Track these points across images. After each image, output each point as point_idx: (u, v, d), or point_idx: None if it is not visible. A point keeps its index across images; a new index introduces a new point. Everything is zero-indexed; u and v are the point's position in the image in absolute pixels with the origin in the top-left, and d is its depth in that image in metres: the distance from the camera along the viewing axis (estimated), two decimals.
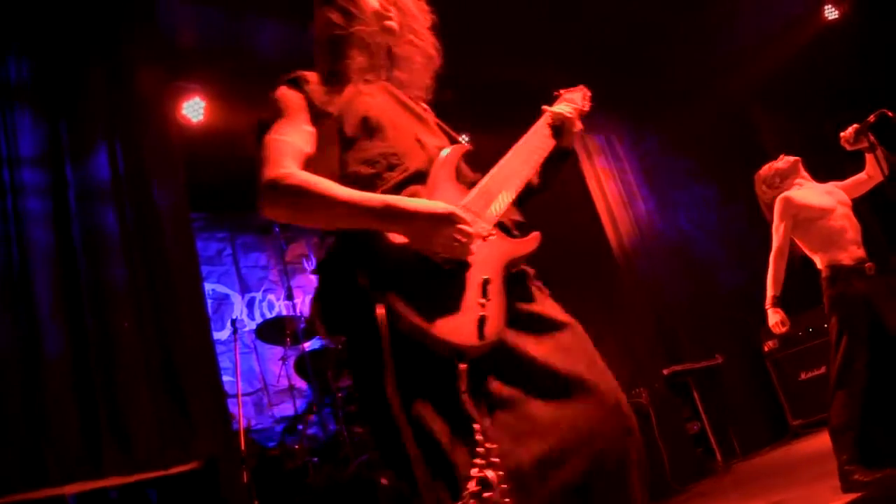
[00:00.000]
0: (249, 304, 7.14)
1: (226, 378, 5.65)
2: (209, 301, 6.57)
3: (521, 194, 2.07)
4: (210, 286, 6.78)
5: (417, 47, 2.21)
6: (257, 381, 6.78)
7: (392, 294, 1.65)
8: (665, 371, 6.71)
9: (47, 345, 4.05)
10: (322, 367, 5.40)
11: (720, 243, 7.97)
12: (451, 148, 1.98)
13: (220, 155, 5.87)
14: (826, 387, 4.17)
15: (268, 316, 7.02)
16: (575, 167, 7.43)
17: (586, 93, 2.49)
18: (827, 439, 4.07)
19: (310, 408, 5.52)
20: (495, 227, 1.88)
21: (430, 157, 1.94)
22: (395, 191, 1.86)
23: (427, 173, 1.91)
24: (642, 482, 1.70)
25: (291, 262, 7.33)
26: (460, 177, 1.98)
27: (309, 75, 2.05)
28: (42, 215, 4.31)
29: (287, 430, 5.64)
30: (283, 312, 6.96)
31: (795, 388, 7.05)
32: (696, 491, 5.85)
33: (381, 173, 1.89)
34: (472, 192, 1.91)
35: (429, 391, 1.67)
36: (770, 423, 7.31)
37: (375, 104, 1.99)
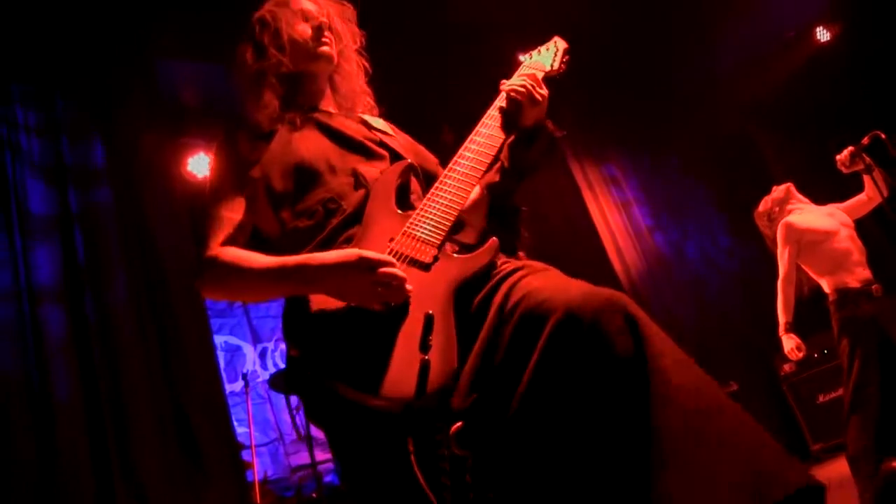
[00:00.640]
0: (262, 355, 7.16)
1: (241, 429, 5.67)
2: (222, 353, 6.63)
3: (490, 199, 1.98)
4: (222, 338, 6.82)
5: (354, 71, 2.17)
6: (273, 432, 6.77)
7: (321, 364, 1.53)
8: None
9: (60, 394, 4.12)
10: None
11: (729, 269, 7.96)
12: (385, 172, 1.88)
13: None
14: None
15: (280, 365, 7.02)
16: (579, 200, 7.46)
17: (561, 45, 2.19)
18: None
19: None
20: (442, 247, 1.72)
21: (367, 190, 1.84)
22: (331, 238, 1.78)
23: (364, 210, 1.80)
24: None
25: None
26: (405, 200, 1.88)
27: (236, 133, 1.99)
28: (52, 270, 4.38)
29: (305, 478, 5.63)
30: None
31: (814, 412, 6.96)
32: None
33: (320, 222, 1.82)
34: (413, 215, 1.77)
35: (382, 461, 1.56)
36: (790, 449, 7.18)
37: (306, 147, 1.91)
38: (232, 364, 6.83)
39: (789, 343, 4.33)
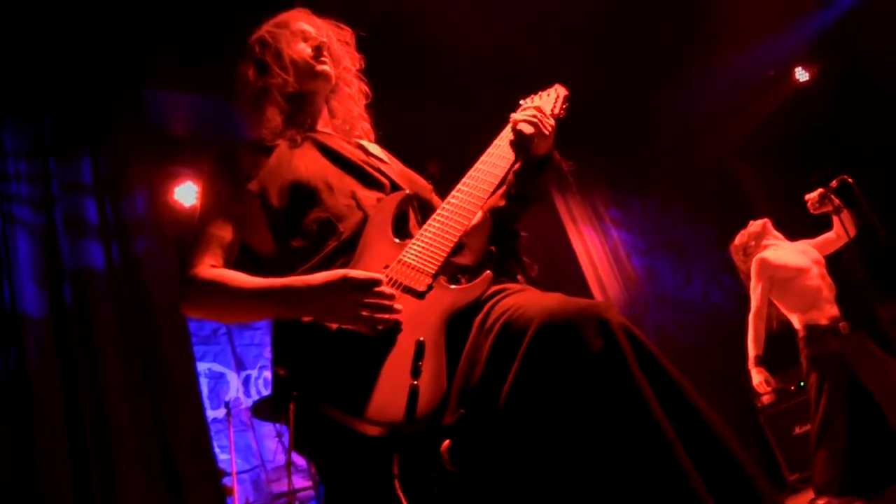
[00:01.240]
0: (245, 382, 7.18)
1: (223, 456, 5.70)
2: (206, 380, 6.66)
3: (492, 223, 2.00)
4: (206, 365, 6.85)
5: (352, 94, 2.18)
6: (255, 458, 6.79)
7: (309, 384, 1.54)
8: None
9: (42, 428, 4.11)
10: None
11: (709, 301, 8.06)
12: (384, 200, 1.89)
13: None
14: None
15: (263, 393, 7.03)
16: (562, 233, 7.55)
17: (562, 92, 2.25)
18: None
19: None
20: (437, 276, 1.73)
21: (366, 216, 1.85)
22: (327, 261, 1.78)
23: (361, 235, 1.80)
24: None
25: None
26: (401, 228, 1.88)
27: (234, 148, 1.99)
28: (37, 300, 4.42)
29: None
30: None
31: (790, 443, 7.03)
32: None
33: (315, 243, 1.82)
34: (410, 244, 1.78)
35: (365, 478, 1.57)
36: (767, 479, 7.29)
37: (305, 166, 1.91)
38: (215, 391, 6.86)
39: (757, 377, 4.43)
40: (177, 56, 5.00)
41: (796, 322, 4.43)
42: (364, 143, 2.17)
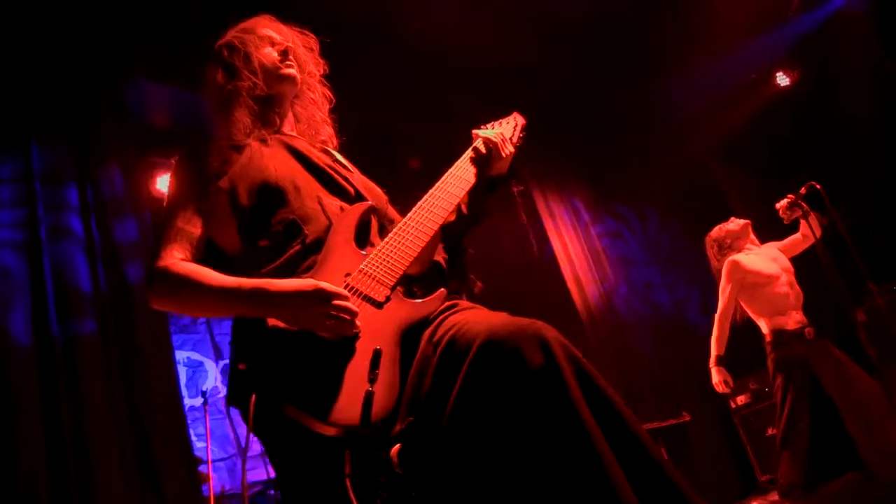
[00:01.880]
0: (224, 371, 7.22)
1: (200, 444, 5.74)
2: (184, 368, 6.70)
3: (442, 237, 2.06)
4: (185, 354, 6.89)
5: (315, 99, 2.24)
6: (231, 447, 6.84)
7: (270, 381, 1.59)
8: None
9: (18, 415, 4.13)
10: None
11: (685, 302, 8.14)
12: (348, 210, 1.94)
13: None
14: None
15: None
16: (541, 232, 7.61)
17: (520, 121, 2.36)
18: None
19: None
20: (395, 288, 1.80)
21: (330, 222, 1.90)
22: (291, 265, 1.83)
23: (325, 241, 1.85)
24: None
25: None
26: (362, 238, 1.92)
27: (205, 144, 2.01)
28: (19, 284, 4.43)
29: (258, 494, 5.70)
30: None
31: (763, 444, 7.12)
32: None
33: (280, 244, 1.87)
34: (371, 254, 1.84)
35: (317, 475, 1.63)
36: (739, 479, 7.40)
37: (275, 166, 1.95)
38: (194, 379, 6.90)
39: (717, 376, 4.52)
40: (157, 50, 5.03)
41: (764, 326, 4.51)
42: (329, 148, 2.22)
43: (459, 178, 2.08)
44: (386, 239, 1.89)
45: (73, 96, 4.89)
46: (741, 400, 7.25)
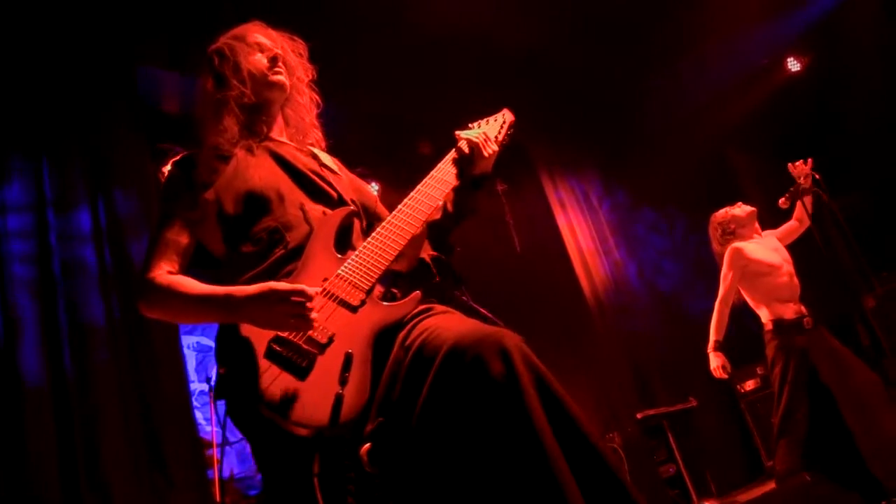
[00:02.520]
0: None
1: (209, 428, 5.82)
2: (193, 353, 6.78)
3: (428, 235, 2.14)
4: (195, 339, 6.95)
5: (304, 104, 2.29)
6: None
7: (245, 384, 1.66)
8: (639, 415, 6.84)
9: (27, 400, 4.22)
10: None
11: (694, 288, 8.13)
12: (329, 215, 1.99)
13: None
14: None
15: None
16: (549, 218, 7.62)
17: (508, 118, 2.38)
18: None
19: None
20: (371, 292, 1.85)
21: (311, 228, 1.96)
22: (273, 271, 1.90)
23: (305, 247, 1.92)
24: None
25: None
26: (345, 241, 1.99)
27: (194, 156, 2.08)
28: (28, 265, 4.52)
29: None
30: None
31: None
32: None
33: (264, 251, 1.93)
34: (349, 259, 1.89)
35: (291, 472, 1.71)
36: (745, 465, 7.42)
37: (259, 175, 2.02)
38: (203, 364, 6.97)
39: (715, 361, 4.54)
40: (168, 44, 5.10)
41: (763, 315, 4.52)
42: (317, 151, 2.27)
43: (440, 180, 2.13)
44: (364, 243, 1.95)
45: (86, 114, 4.94)
46: (749, 386, 7.26)
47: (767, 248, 4.68)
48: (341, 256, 1.93)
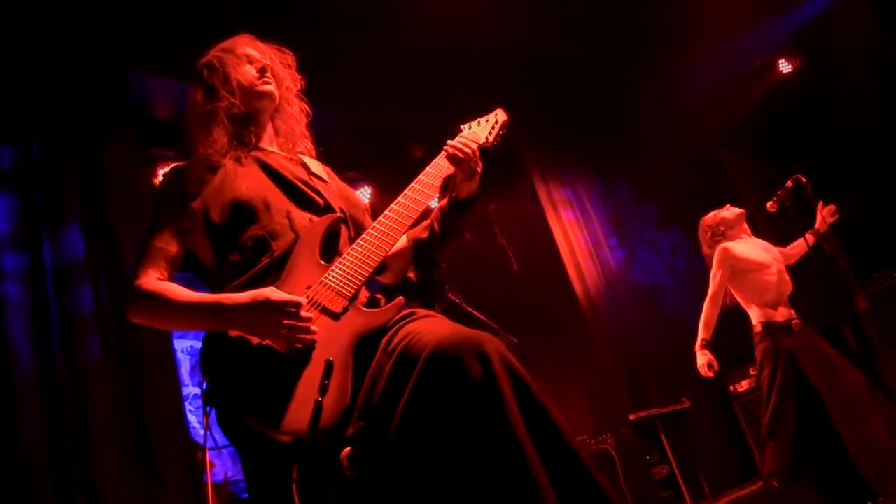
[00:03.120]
0: None
1: (203, 431, 5.83)
2: (188, 357, 6.80)
3: (414, 251, 2.18)
4: (188, 343, 6.97)
5: (294, 113, 2.32)
6: None
7: (229, 394, 1.69)
8: (631, 416, 6.85)
9: (20, 401, 4.23)
10: None
11: (687, 289, 8.15)
12: (315, 223, 2.02)
13: None
14: None
15: None
16: (542, 219, 7.63)
17: (501, 117, 2.36)
18: None
19: None
20: (353, 299, 1.87)
21: (297, 236, 1.99)
22: (259, 278, 1.92)
23: (290, 254, 1.95)
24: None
25: None
26: (331, 249, 2.01)
27: (183, 167, 2.14)
28: (18, 279, 4.53)
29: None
30: None
31: (762, 431, 7.17)
32: None
33: (251, 259, 1.96)
34: (333, 266, 1.92)
35: (274, 479, 1.73)
36: (738, 465, 7.44)
37: (246, 185, 2.05)
38: (197, 368, 6.97)
39: (702, 359, 4.56)
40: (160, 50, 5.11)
41: (753, 316, 4.54)
42: (307, 160, 2.30)
43: (422, 190, 2.13)
44: (348, 250, 1.98)
45: (76, 118, 4.94)
46: (742, 386, 7.29)
47: (757, 248, 4.72)
48: (325, 264, 1.96)
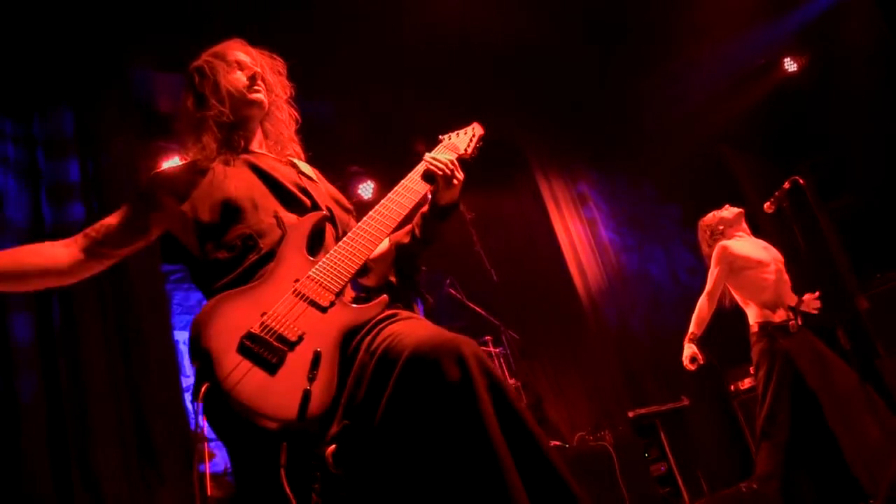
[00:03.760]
0: None
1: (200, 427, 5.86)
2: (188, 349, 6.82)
3: (396, 256, 2.24)
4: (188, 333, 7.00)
5: (283, 119, 2.38)
6: None
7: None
8: (630, 414, 6.86)
9: (23, 397, 4.28)
10: None
11: (689, 286, 8.15)
12: (302, 220, 2.07)
13: None
14: None
15: None
16: (543, 216, 7.64)
17: (478, 131, 2.45)
18: None
19: None
20: (340, 294, 1.91)
21: (284, 234, 2.03)
22: (247, 275, 1.96)
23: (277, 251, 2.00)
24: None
25: None
26: (318, 246, 2.07)
27: (172, 170, 2.22)
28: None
29: None
30: None
31: None
32: None
33: (238, 257, 2.00)
34: (320, 261, 1.97)
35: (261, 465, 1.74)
36: (737, 463, 7.45)
37: (235, 186, 2.10)
38: None
39: (687, 350, 4.59)
40: (161, 37, 5.12)
41: (751, 315, 4.55)
42: (296, 161, 2.35)
43: (404, 195, 2.19)
44: (335, 248, 2.02)
45: (79, 75, 4.98)
46: (742, 385, 7.29)
47: (755, 246, 4.74)
48: (313, 259, 2.00)
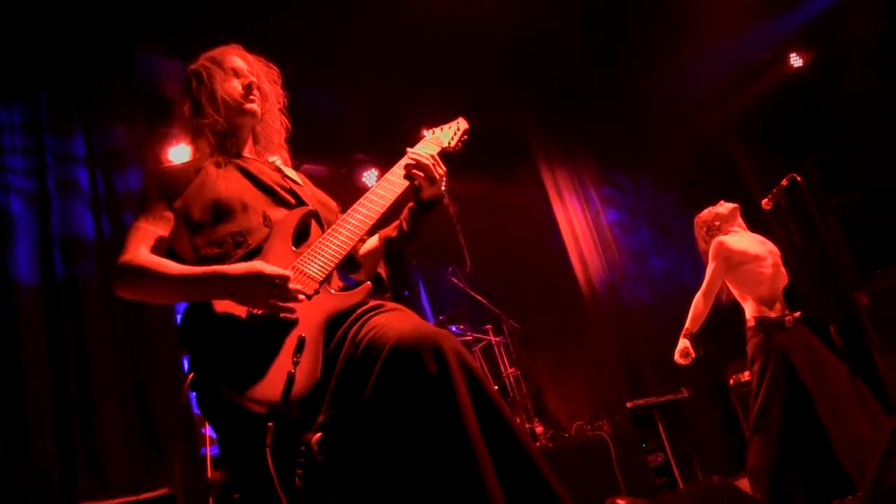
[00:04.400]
0: None
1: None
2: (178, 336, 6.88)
3: (384, 249, 2.32)
4: None
5: (275, 127, 2.46)
6: None
7: (207, 365, 1.80)
8: (629, 404, 6.92)
9: (28, 375, 4.35)
10: None
11: (689, 281, 8.18)
12: (288, 215, 2.15)
13: None
14: None
15: None
16: (546, 207, 7.68)
17: (463, 125, 2.51)
18: None
19: None
20: (324, 283, 1.99)
21: (271, 230, 2.12)
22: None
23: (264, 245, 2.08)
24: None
25: None
26: (303, 240, 2.15)
27: (167, 168, 2.32)
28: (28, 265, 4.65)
29: None
30: None
31: None
32: None
33: (227, 252, 2.08)
34: (305, 253, 2.05)
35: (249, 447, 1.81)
36: (734, 455, 7.49)
37: (226, 187, 2.18)
38: None
39: (681, 345, 4.62)
40: (166, 23, 5.16)
41: (748, 310, 4.57)
42: (283, 167, 2.44)
43: (387, 188, 2.26)
44: (320, 240, 2.11)
45: (84, 56, 5.05)
46: (743, 377, 7.32)
47: (752, 241, 4.75)
48: (297, 250, 2.08)
